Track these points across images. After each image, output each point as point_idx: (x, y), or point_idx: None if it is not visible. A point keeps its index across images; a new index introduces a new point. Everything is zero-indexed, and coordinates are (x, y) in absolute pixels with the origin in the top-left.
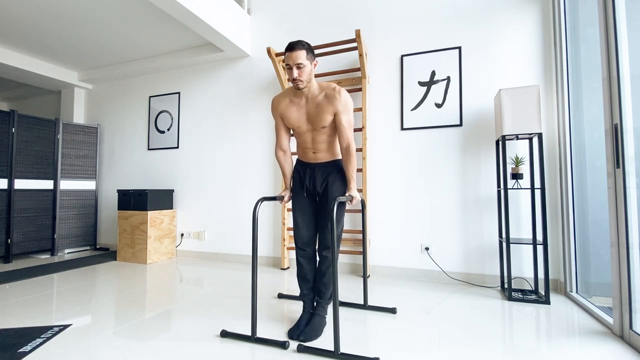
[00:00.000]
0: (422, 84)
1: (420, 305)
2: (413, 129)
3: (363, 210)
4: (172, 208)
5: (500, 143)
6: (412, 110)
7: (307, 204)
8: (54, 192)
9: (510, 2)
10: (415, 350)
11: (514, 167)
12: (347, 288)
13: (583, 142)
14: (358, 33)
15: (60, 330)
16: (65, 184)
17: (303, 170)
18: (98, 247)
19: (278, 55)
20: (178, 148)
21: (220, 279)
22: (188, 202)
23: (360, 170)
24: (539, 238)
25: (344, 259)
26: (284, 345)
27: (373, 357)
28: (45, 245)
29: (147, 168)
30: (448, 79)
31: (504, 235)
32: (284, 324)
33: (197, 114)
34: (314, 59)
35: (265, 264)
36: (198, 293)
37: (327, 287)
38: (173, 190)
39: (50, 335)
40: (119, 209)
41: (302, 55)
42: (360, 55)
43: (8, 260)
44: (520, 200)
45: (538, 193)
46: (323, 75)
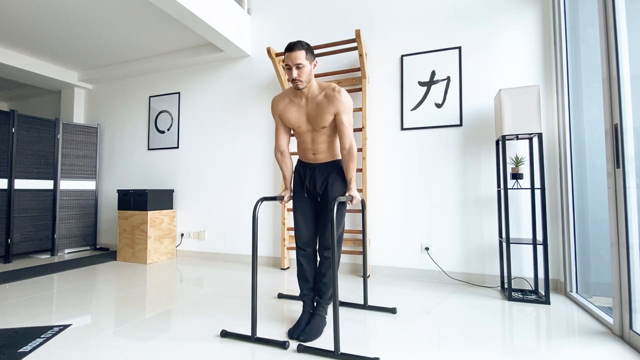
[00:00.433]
0: (422, 84)
1: (420, 305)
2: (413, 129)
3: (363, 210)
4: (172, 208)
5: (500, 143)
6: (412, 110)
7: (307, 204)
8: (54, 192)
9: (510, 2)
10: (415, 350)
11: (514, 167)
12: (347, 288)
13: (583, 142)
14: (358, 33)
15: (60, 330)
16: (65, 184)
17: (303, 171)
18: (98, 247)
19: (278, 55)
20: (178, 148)
21: (220, 279)
22: (188, 202)
23: (360, 170)
24: (539, 238)
25: (344, 259)
26: (284, 345)
27: (373, 357)
28: (45, 245)
29: (147, 168)
30: (448, 79)
31: (504, 235)
32: (284, 324)
33: (197, 114)
34: (314, 59)
35: (265, 264)
36: (198, 293)
37: (327, 287)
38: (173, 190)
39: (50, 335)
40: (119, 209)
41: (301, 56)
42: (360, 55)
43: (8, 260)
44: (520, 200)
45: (538, 193)
46: (323, 75)
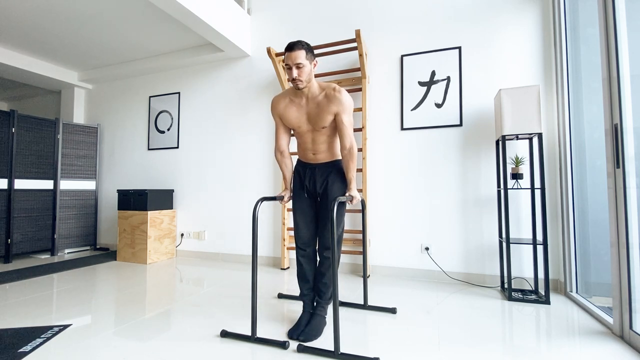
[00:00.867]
0: (422, 84)
1: (420, 305)
2: (413, 129)
3: (363, 210)
4: (172, 208)
5: (500, 143)
6: (412, 110)
7: (307, 205)
8: (54, 192)
9: (510, 2)
10: (415, 350)
11: (514, 167)
12: (347, 288)
13: (583, 142)
14: (358, 33)
15: (60, 330)
16: (65, 184)
17: (303, 171)
18: (98, 247)
19: (278, 55)
20: (178, 148)
21: (220, 279)
22: (188, 202)
23: (360, 170)
24: (539, 238)
25: (344, 259)
26: (284, 345)
27: (373, 357)
28: (45, 245)
29: (147, 168)
30: (448, 79)
31: (504, 235)
32: (284, 324)
33: (197, 114)
34: (314, 59)
35: (265, 264)
36: (198, 293)
37: (327, 287)
38: (173, 190)
39: (50, 335)
40: (119, 209)
41: (301, 55)
42: (360, 55)
43: (8, 260)
44: (520, 200)
45: (538, 193)
46: (323, 75)
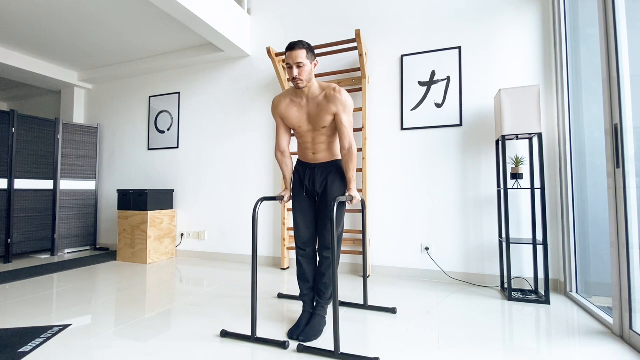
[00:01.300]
0: (422, 84)
1: (420, 305)
2: (413, 129)
3: (363, 210)
4: (172, 208)
5: (500, 143)
6: (412, 110)
7: (307, 204)
8: (54, 192)
9: (510, 2)
10: (415, 350)
11: (514, 167)
12: (347, 288)
13: (583, 142)
14: (358, 33)
15: (60, 330)
16: (65, 184)
17: (303, 171)
18: (98, 247)
19: (278, 55)
20: (178, 148)
21: (220, 279)
22: (188, 202)
23: (360, 170)
24: (539, 238)
25: (344, 259)
26: (284, 345)
27: (373, 357)
28: (45, 245)
29: (147, 168)
30: (448, 79)
31: (504, 235)
32: (284, 324)
33: (197, 114)
34: (315, 59)
35: (265, 264)
36: (198, 293)
37: (327, 287)
38: (173, 190)
39: (50, 335)
40: (119, 209)
41: (302, 55)
42: (360, 55)
43: (8, 260)
44: (520, 200)
45: (538, 193)
46: (323, 75)
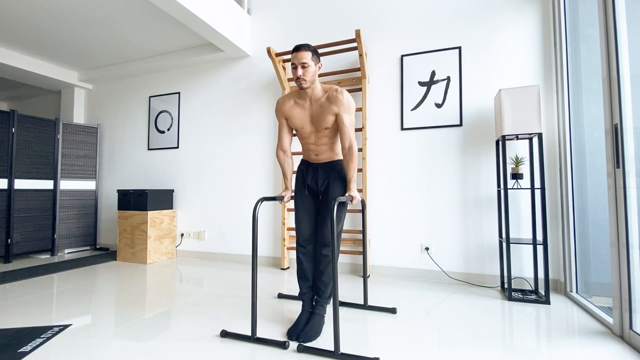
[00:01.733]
0: (422, 84)
1: (420, 305)
2: (413, 129)
3: (363, 210)
4: (172, 208)
5: (500, 143)
6: (412, 110)
7: (308, 202)
8: (54, 192)
9: (510, 2)
10: (415, 350)
11: (514, 167)
12: (347, 288)
13: (583, 142)
14: (358, 33)
15: (60, 330)
16: (65, 184)
17: (306, 169)
18: (98, 247)
19: (278, 55)
20: (178, 148)
21: (220, 279)
22: (188, 202)
23: (360, 170)
24: (539, 238)
25: (344, 259)
26: (284, 345)
27: (373, 357)
28: (45, 245)
29: (147, 168)
30: (448, 79)
31: (504, 235)
32: (284, 324)
33: (197, 114)
34: (319, 62)
35: (265, 264)
36: (198, 293)
37: (326, 285)
38: (173, 190)
39: (50, 335)
40: (119, 209)
41: (307, 56)
42: (360, 55)
43: (8, 260)
44: (520, 200)
45: (538, 193)
46: (323, 75)
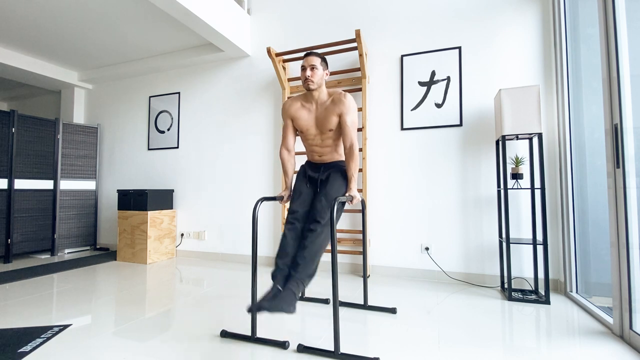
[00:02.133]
0: (422, 84)
1: (420, 305)
2: (413, 129)
3: (363, 210)
4: (172, 208)
5: (500, 143)
6: (412, 110)
7: (305, 189)
8: (54, 192)
9: (510, 2)
10: (415, 350)
11: (514, 167)
12: (347, 288)
13: (583, 142)
14: (358, 33)
15: (60, 330)
16: (65, 184)
17: (308, 167)
18: (98, 247)
19: (278, 55)
20: (178, 148)
21: (220, 279)
22: (188, 202)
23: (361, 170)
24: (539, 238)
25: (344, 259)
26: (284, 345)
27: (373, 357)
28: (45, 245)
29: (147, 168)
30: (448, 79)
31: (504, 235)
32: (284, 324)
33: (197, 114)
34: (327, 69)
35: (265, 264)
36: (198, 293)
37: (306, 262)
38: (173, 190)
39: (50, 335)
40: (119, 209)
41: (316, 60)
42: (360, 55)
43: (8, 260)
44: (520, 200)
45: (538, 193)
46: None
